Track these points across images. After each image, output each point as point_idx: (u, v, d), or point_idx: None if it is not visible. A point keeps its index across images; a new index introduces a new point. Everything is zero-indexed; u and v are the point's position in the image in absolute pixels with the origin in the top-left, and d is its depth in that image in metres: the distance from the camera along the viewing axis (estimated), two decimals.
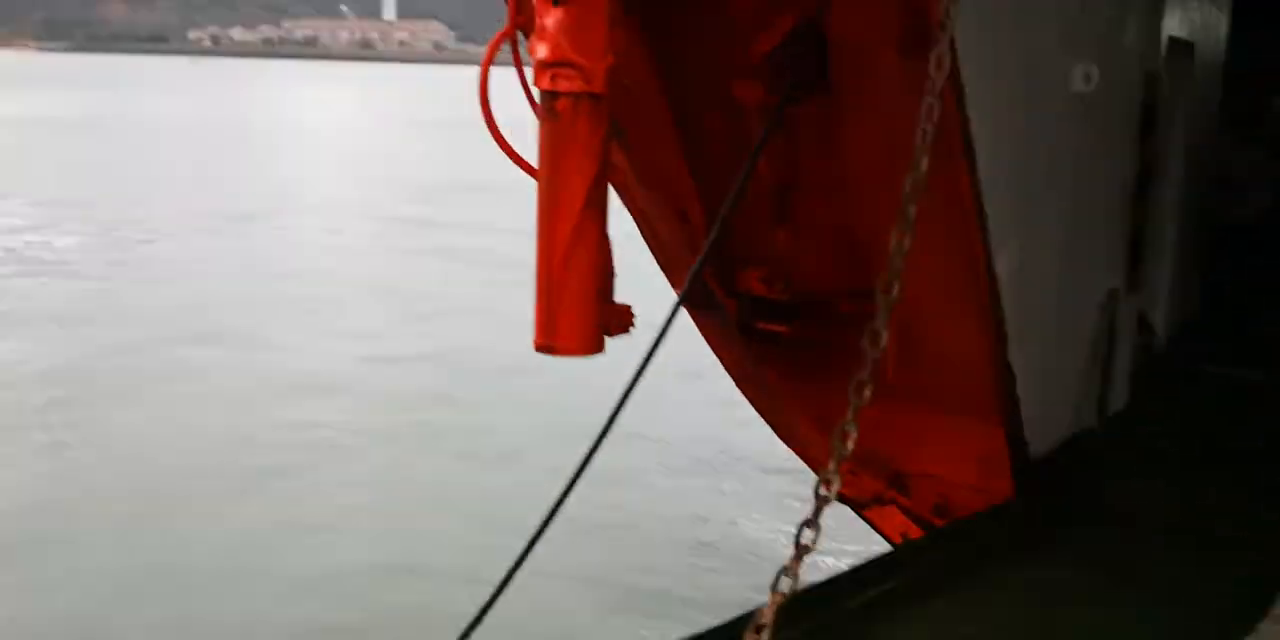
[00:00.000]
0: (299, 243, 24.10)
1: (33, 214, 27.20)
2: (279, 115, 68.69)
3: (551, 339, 2.98)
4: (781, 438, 4.69)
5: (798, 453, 4.65)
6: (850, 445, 2.85)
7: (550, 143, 2.92)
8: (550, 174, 2.94)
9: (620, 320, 3.11)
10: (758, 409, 4.65)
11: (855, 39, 3.64)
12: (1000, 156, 3.90)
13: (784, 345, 4.22)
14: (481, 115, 3.11)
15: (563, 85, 2.87)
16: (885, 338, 2.87)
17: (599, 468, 3.31)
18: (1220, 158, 8.57)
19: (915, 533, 4.55)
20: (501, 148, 3.15)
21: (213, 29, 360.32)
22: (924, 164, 2.99)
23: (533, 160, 3.00)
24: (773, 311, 4.15)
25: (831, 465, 2.84)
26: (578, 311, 2.97)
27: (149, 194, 31.35)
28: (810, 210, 4.04)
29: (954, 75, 3.45)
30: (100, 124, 57.37)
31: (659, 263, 4.46)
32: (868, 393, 2.85)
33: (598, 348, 3.03)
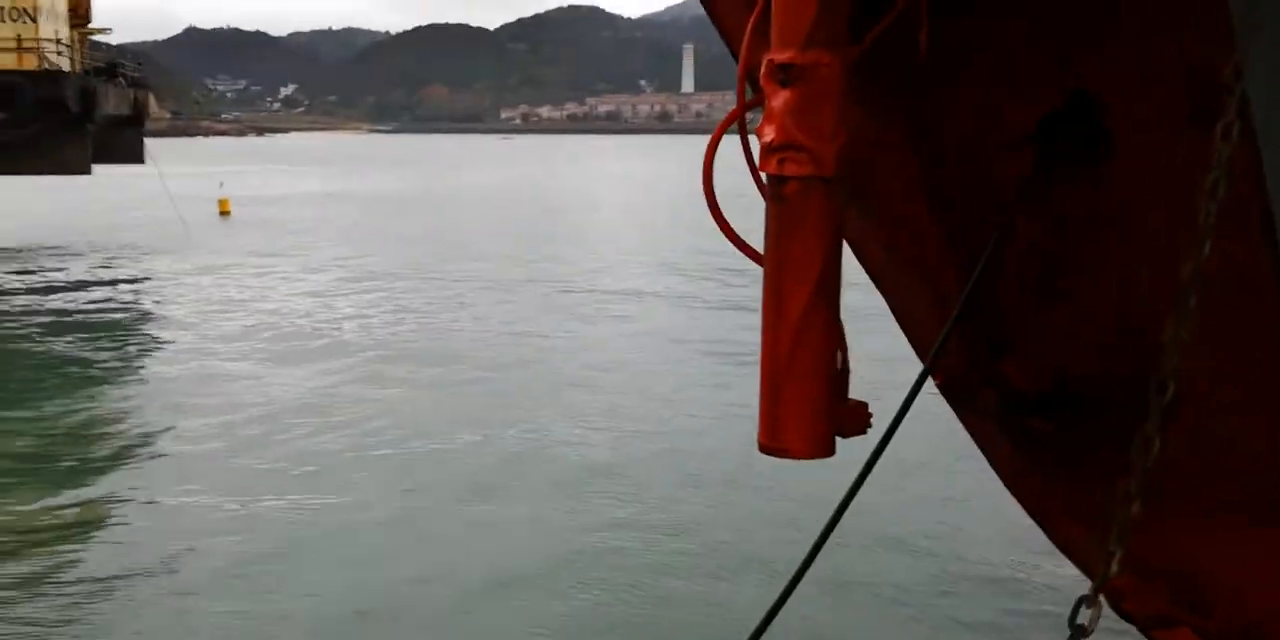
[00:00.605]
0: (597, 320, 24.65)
1: (358, 284, 29.33)
2: (580, 187, 71.82)
3: (777, 440, 2.77)
4: (1053, 542, 4.25)
5: (1072, 560, 4.19)
6: (1115, 568, 2.51)
7: (777, 228, 2.75)
8: (776, 260, 2.76)
9: (855, 419, 2.87)
10: (1026, 509, 4.24)
11: (1130, 107, 3.28)
12: None
13: (1049, 440, 3.83)
14: (706, 201, 2.98)
15: (790, 169, 2.69)
16: (1158, 445, 2.54)
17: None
18: None
19: None
20: (725, 233, 3.01)
21: (523, 108, 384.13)
22: (1208, 246, 2.65)
23: (759, 245, 2.84)
24: (1034, 404, 3.77)
25: (1091, 590, 2.51)
26: (805, 410, 2.75)
27: (462, 263, 33.27)
28: (1081, 292, 3.67)
29: (1248, 144, 3.05)
30: (422, 198, 61.73)
31: (914, 349, 4.17)
32: (1136, 508, 2.52)
33: (828, 450, 2.80)
